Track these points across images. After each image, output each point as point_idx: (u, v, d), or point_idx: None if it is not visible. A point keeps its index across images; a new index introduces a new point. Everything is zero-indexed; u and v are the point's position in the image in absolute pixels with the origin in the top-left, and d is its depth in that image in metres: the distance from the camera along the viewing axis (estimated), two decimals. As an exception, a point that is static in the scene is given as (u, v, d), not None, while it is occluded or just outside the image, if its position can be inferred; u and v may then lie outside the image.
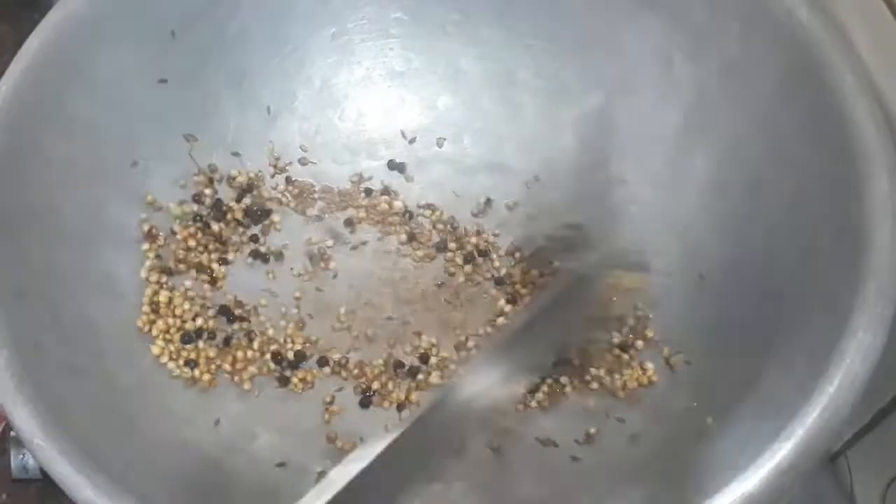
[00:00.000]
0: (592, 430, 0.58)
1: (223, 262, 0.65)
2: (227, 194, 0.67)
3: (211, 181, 0.66)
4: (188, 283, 0.63)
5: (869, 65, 0.53)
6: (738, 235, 0.57)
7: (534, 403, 0.60)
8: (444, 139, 0.70)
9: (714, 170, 0.60)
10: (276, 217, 0.67)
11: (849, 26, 0.54)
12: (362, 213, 0.68)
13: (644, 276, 0.60)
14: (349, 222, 0.67)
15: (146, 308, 0.61)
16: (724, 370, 0.52)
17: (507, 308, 0.64)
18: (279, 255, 0.66)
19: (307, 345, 0.63)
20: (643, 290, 0.61)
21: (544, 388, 0.60)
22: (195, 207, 0.65)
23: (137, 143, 0.62)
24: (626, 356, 0.60)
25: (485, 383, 0.49)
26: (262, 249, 0.66)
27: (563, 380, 0.60)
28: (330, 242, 0.67)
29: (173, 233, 0.64)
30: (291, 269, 0.66)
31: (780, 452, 0.42)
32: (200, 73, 0.65)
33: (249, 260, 0.65)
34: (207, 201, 0.65)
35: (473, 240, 0.67)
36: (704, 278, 0.59)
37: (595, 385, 0.60)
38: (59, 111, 0.57)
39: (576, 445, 0.57)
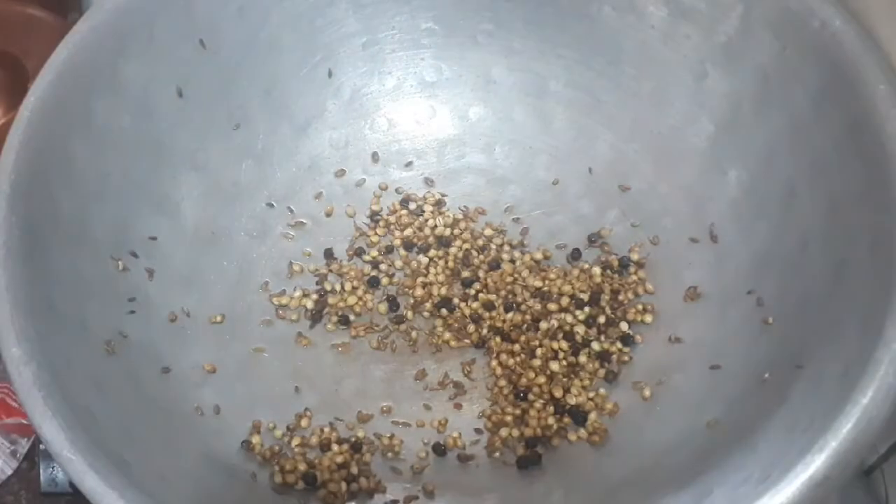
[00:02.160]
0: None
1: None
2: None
3: None
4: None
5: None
6: (771, 247, 0.57)
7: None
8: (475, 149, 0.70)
9: (747, 182, 0.60)
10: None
11: (883, 38, 0.54)
12: (393, 222, 0.68)
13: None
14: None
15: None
16: (757, 381, 0.52)
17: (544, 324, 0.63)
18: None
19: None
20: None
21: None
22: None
23: (167, 153, 0.62)
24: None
25: None
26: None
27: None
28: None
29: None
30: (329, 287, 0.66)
31: (814, 464, 0.42)
32: (230, 82, 0.65)
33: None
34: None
35: (494, 252, 0.67)
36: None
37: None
38: (87, 122, 0.57)
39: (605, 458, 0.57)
